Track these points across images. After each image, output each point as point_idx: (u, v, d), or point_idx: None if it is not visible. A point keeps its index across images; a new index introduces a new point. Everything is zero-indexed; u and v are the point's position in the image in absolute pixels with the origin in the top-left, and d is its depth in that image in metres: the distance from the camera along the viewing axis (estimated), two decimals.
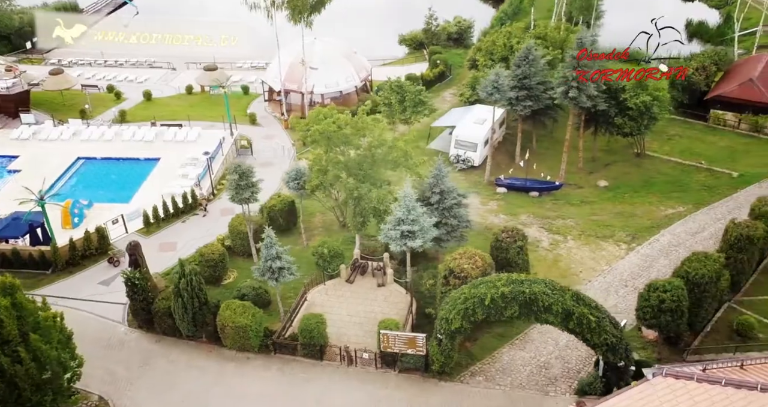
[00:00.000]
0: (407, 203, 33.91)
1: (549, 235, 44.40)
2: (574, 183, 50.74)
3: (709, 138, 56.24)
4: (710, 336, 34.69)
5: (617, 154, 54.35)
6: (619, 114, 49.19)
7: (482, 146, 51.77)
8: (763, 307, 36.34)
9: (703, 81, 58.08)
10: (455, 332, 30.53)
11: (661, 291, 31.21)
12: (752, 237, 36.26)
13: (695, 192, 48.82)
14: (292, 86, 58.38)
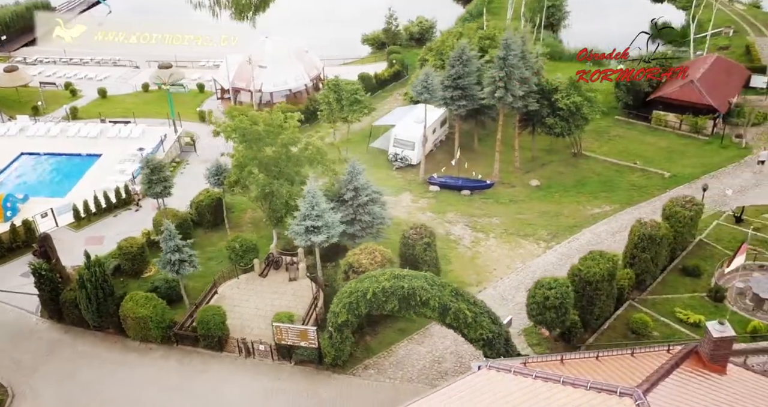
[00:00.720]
0: (311, 199, 34.82)
1: (472, 233, 45.16)
2: (508, 182, 51.43)
3: (649, 139, 56.87)
4: (606, 333, 35.35)
5: (557, 154, 55.03)
6: (551, 114, 49.95)
7: (420, 145, 52.56)
8: (665, 306, 36.92)
9: (646, 82, 58.70)
10: (342, 325, 31.39)
11: (546, 289, 31.90)
12: (654, 237, 37.01)
13: (625, 192, 49.48)
14: (241, 85, 59.33)
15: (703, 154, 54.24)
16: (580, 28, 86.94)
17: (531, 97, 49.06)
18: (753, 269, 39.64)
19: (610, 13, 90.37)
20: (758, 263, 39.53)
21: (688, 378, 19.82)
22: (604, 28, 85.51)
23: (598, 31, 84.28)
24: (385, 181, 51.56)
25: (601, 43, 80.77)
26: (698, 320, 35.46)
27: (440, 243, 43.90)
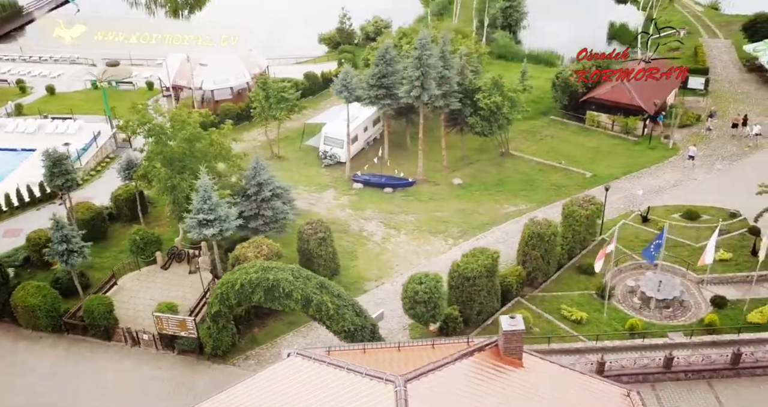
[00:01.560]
0: (203, 193, 35.82)
1: (385, 229, 46.01)
2: (433, 180, 52.20)
3: (579, 139, 57.50)
4: (489, 328, 36.14)
5: (486, 153, 55.74)
6: (474, 114, 50.71)
7: (349, 142, 53.42)
8: (553, 303, 37.67)
9: (581, 84, 59.33)
10: (216, 315, 32.38)
11: (416, 283, 32.78)
12: (543, 235, 37.80)
13: (544, 191, 50.19)
14: (182, 82, 60.36)
15: (630, 154, 54.85)
16: (540, 29, 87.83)
17: (453, 97, 49.87)
18: (648, 268, 40.46)
19: (574, 13, 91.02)
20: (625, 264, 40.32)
21: (474, 368, 20.62)
22: (566, 29, 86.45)
23: (560, 31, 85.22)
24: (313, 178, 52.69)
25: (561, 43, 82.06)
26: (581, 317, 36.28)
27: (352, 239, 45.12)
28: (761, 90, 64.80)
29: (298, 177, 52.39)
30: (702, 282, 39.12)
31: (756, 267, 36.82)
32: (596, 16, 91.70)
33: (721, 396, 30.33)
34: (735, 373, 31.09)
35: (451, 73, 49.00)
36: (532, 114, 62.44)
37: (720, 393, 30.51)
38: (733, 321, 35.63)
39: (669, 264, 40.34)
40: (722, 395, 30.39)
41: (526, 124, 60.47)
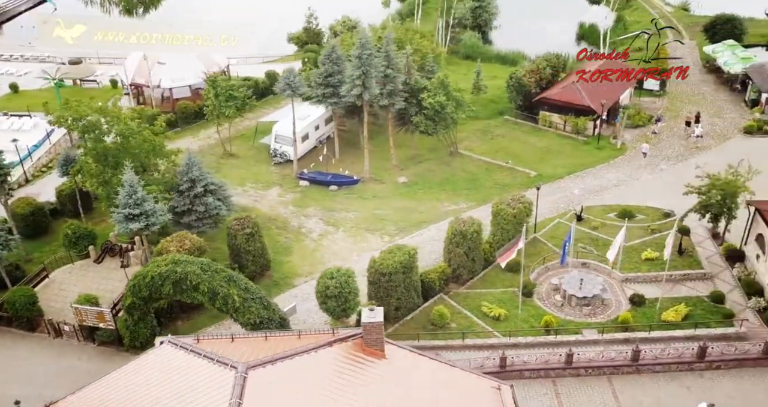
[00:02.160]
0: (129, 188, 36.54)
1: (323, 226, 46.67)
2: (380, 179, 52.81)
3: (530, 139, 58.02)
4: (407, 324, 36.76)
5: (437, 152, 56.31)
6: (419, 113, 51.31)
7: (299, 141, 54.05)
8: (476, 300, 38.17)
9: (534, 84, 59.85)
10: (130, 307, 33.07)
11: (327, 278, 33.46)
12: (465, 233, 38.41)
13: (487, 190, 50.74)
14: (141, 81, 61.13)
15: (578, 154, 55.36)
16: (512, 29, 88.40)
17: (399, 96, 50.48)
18: (576, 266, 41.01)
19: (546, 14, 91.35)
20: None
21: (329, 358, 21.27)
22: (538, 29, 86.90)
23: (531, 31, 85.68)
24: (261, 175, 53.39)
25: (531, 43, 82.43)
26: (499, 314, 36.86)
27: (290, 235, 45.86)
28: (718, 91, 65.19)
29: (248, 174, 53.15)
30: (626, 281, 39.72)
31: (665, 267, 37.25)
32: (570, 16, 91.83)
33: (618, 392, 30.88)
34: (635, 370, 31.63)
35: (395, 73, 49.64)
36: (489, 114, 63.29)
37: (617, 388, 31.06)
38: (649, 319, 36.20)
39: (596, 263, 41.01)
40: (619, 390, 30.94)
41: (481, 123, 61.19)
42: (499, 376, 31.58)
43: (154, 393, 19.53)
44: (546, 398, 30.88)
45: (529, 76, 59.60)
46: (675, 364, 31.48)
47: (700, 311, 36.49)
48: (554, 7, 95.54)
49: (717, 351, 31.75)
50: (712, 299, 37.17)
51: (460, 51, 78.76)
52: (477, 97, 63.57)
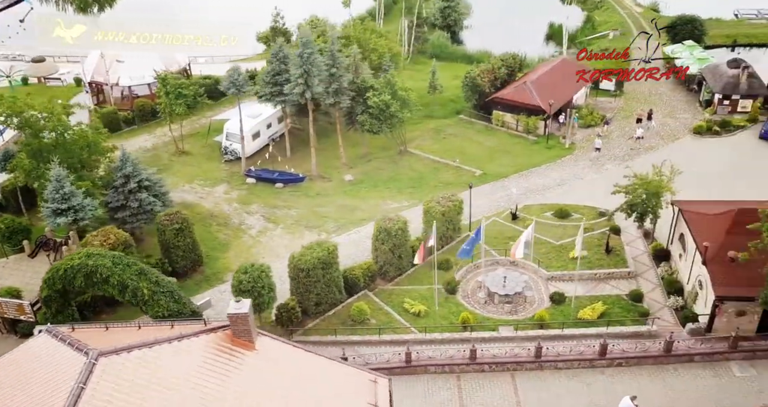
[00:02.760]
0: (56, 183, 37.23)
1: (264, 223, 47.27)
2: (328, 177, 53.41)
3: (481, 138, 58.50)
4: (329, 319, 37.29)
5: (388, 150, 56.85)
6: (364, 112, 51.83)
7: (249, 138, 54.66)
8: (400, 296, 38.62)
9: (488, 83, 60.30)
10: (47, 300, 33.71)
11: (241, 273, 34.03)
12: (389, 230, 38.91)
13: (430, 189, 51.11)
14: (100, 79, 61.82)
15: (527, 153, 55.79)
16: (482, 29, 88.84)
17: (346, 95, 51.04)
18: (504, 264, 41.52)
19: (519, 14, 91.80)
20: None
21: (193, 348, 21.80)
22: (509, 29, 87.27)
23: (502, 31, 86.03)
24: (211, 172, 53.98)
25: (500, 43, 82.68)
26: (419, 310, 37.35)
27: (230, 231, 46.48)
28: (675, 92, 65.55)
29: (198, 172, 53.77)
30: (551, 279, 40.18)
31: (576, 266, 37.76)
32: (543, 16, 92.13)
33: (519, 387, 31.35)
34: (538, 366, 32.09)
35: (341, 72, 50.18)
36: (447, 113, 63.79)
37: (519, 384, 31.53)
38: (567, 316, 36.64)
39: (524, 261, 41.46)
40: (521, 386, 31.41)
41: (435, 122, 61.73)
42: (405, 371, 32.48)
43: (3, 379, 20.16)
44: (448, 393, 31.37)
45: (482, 75, 60.08)
46: (577, 361, 31.92)
47: (618, 309, 36.94)
48: (528, 7, 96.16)
49: (618, 349, 32.18)
50: (630, 297, 37.62)
51: (426, 51, 79.22)
52: (434, 97, 64.27)
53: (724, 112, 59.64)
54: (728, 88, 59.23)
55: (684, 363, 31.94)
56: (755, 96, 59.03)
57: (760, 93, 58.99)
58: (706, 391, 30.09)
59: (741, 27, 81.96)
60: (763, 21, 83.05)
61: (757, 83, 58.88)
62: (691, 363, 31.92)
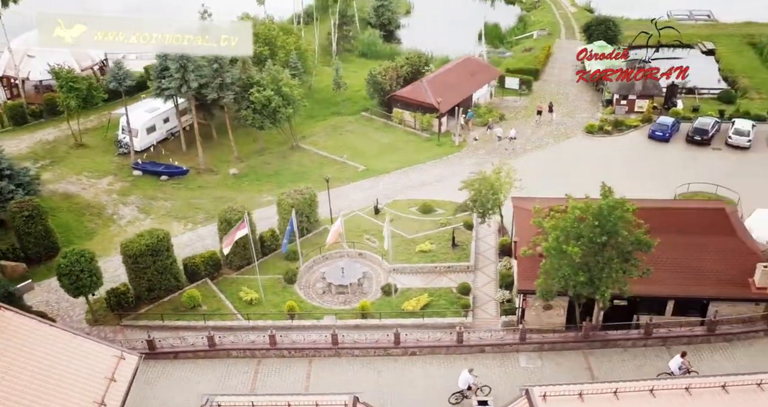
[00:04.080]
0: None
1: (136, 213, 48.43)
2: (215, 170, 54.53)
3: (377, 135, 59.48)
4: (164, 305, 38.28)
5: (283, 146, 57.93)
6: (248, 107, 52.89)
7: (144, 132, 55.87)
8: (240, 285, 39.48)
9: (389, 81, 61.23)
10: None
11: (62, 257, 35.14)
12: (230, 221, 39.95)
13: (311, 183, 51.63)
14: (11, 73, 63.23)
15: (417, 150, 56.68)
16: (419, 28, 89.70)
17: (230, 90, 52.13)
18: (353, 256, 42.46)
19: (458, 13, 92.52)
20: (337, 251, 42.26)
21: None
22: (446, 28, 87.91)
23: (440, 30, 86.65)
24: (102, 165, 55.13)
25: (438, 41, 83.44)
26: (252, 299, 38.37)
27: (100, 221, 47.71)
28: (583, 92, 66.25)
29: (90, 164, 54.96)
30: (393, 271, 41.04)
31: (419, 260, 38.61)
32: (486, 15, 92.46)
33: (312, 372, 32.28)
34: (335, 353, 33.01)
35: (225, 68, 51.28)
36: (355, 110, 64.76)
37: (314, 369, 32.46)
38: (393, 307, 37.53)
39: (370, 253, 42.42)
40: (314, 371, 32.33)
41: (338, 119, 62.78)
42: (208, 355, 33.51)
43: None
44: (245, 376, 32.34)
45: (383, 74, 61.02)
46: (373, 349, 32.82)
47: (443, 301, 37.75)
48: (470, 5, 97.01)
49: (413, 339, 33.06)
50: (458, 290, 38.44)
51: (354, 49, 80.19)
52: (348, 94, 65.42)
53: (622, 112, 60.34)
54: (624, 89, 59.89)
55: (476, 353, 32.73)
56: (650, 96, 59.68)
57: (654, 93, 59.64)
58: (490, 379, 30.84)
59: None
60: (692, 22, 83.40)
61: (652, 84, 59.46)
62: (482, 354, 32.71)
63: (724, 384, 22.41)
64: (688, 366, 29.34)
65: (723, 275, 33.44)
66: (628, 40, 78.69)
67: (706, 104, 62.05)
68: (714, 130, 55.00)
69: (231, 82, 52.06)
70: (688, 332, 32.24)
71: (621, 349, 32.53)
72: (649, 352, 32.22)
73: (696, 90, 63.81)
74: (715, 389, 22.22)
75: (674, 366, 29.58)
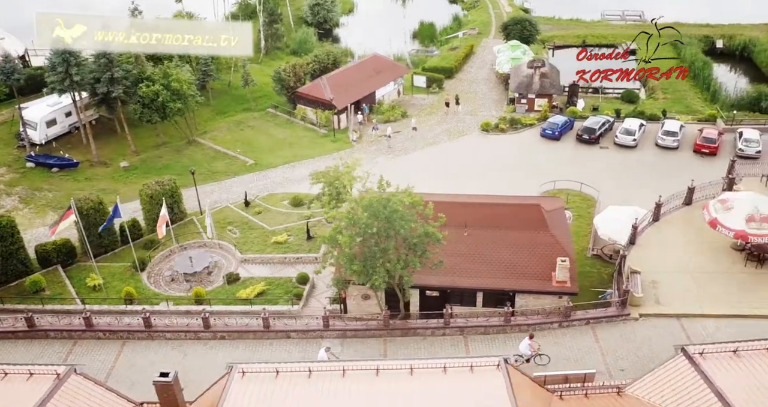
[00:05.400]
0: None
1: (16, 203, 49.85)
2: (109, 163, 55.73)
3: (276, 130, 60.51)
4: (10, 289, 39.34)
5: (183, 140, 59.01)
6: (138, 102, 54.04)
7: (43, 125, 57.11)
8: (87, 272, 40.36)
9: (293, 78, 62.20)
10: None
11: None
12: (81, 210, 41.02)
13: (197, 176, 53.18)
14: None
15: (311, 146, 57.60)
16: (357, 26, 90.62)
17: (120, 84, 53.27)
18: (212, 246, 43.48)
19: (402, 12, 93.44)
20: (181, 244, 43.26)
21: None
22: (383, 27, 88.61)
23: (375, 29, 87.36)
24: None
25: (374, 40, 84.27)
26: (95, 284, 39.49)
27: None
28: (493, 90, 66.94)
29: None
30: (244, 261, 42.02)
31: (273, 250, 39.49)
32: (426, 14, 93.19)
33: (122, 353, 33.22)
34: (148, 336, 33.95)
35: (115, 63, 52.48)
36: (264, 106, 65.73)
37: (125, 351, 33.35)
38: (229, 294, 38.50)
39: (227, 243, 43.43)
40: (124, 353, 33.22)
41: (245, 115, 63.91)
42: (27, 335, 34.56)
43: None
44: (59, 355, 33.42)
45: (287, 71, 62.00)
46: (183, 332, 33.76)
47: (279, 290, 38.69)
48: (413, 5, 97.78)
49: (222, 323, 34.00)
50: (297, 280, 39.32)
51: (284, 47, 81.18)
52: (263, 91, 66.52)
53: (522, 110, 61.02)
54: (522, 87, 60.58)
55: (282, 339, 33.60)
56: (549, 95, 60.32)
57: (551, 92, 60.26)
58: None
59: (597, 27, 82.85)
60: (622, 22, 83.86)
61: (548, 83, 60.09)
62: (287, 339, 33.58)
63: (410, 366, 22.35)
64: (537, 349, 30.04)
65: (530, 269, 34.20)
66: (556, 40, 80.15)
67: (609, 104, 62.64)
68: (603, 129, 55.53)
69: (123, 77, 53.26)
70: (485, 322, 32.92)
71: (420, 337, 33.28)
72: (447, 341, 32.95)
73: (600, 90, 64.32)
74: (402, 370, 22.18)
75: (524, 348, 30.23)
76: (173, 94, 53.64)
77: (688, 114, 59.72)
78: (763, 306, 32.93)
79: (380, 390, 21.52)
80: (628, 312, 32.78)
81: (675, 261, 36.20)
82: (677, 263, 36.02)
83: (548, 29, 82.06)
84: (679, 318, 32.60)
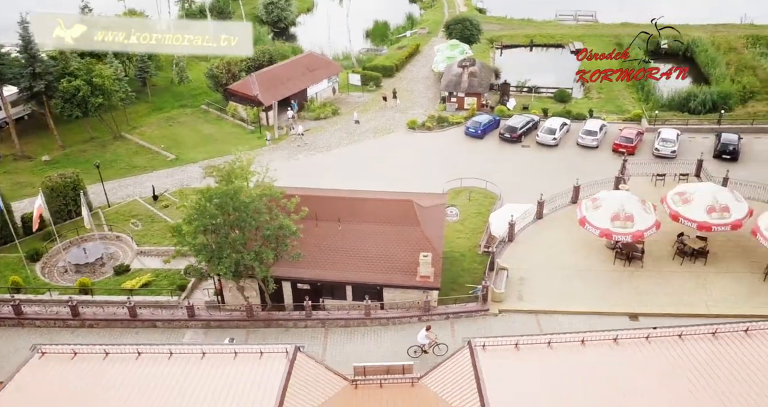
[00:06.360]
0: None
1: None
2: (34, 157, 56.23)
3: (205, 127, 60.90)
4: None
5: (110, 136, 59.45)
6: (59, 97, 54.44)
7: None
8: None
9: (225, 75, 62.58)
10: None
11: None
12: None
13: (116, 171, 53.66)
14: None
15: (236, 142, 56.98)
16: (312, 25, 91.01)
17: (43, 79, 53.73)
18: (111, 238, 43.90)
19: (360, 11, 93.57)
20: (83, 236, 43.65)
21: None
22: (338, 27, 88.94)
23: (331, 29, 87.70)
24: None
25: (329, 39, 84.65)
26: None
27: None
28: (430, 89, 67.11)
29: None
30: (140, 253, 42.39)
31: None
32: (382, 14, 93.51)
33: None
34: (18, 323, 34.37)
35: (39, 58, 53.04)
36: (198, 103, 66.06)
37: None
38: (116, 285, 38.86)
39: (125, 236, 43.81)
40: None
41: (177, 111, 64.28)
42: None
43: None
44: None
45: (220, 68, 62.39)
46: (53, 320, 34.18)
47: (164, 282, 39.03)
48: (372, 4, 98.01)
49: (90, 312, 34.38)
50: (184, 272, 39.65)
51: None
52: (185, 87, 67.02)
53: (452, 109, 61.20)
54: (451, 86, 60.76)
55: (148, 327, 33.94)
56: (477, 94, 60.49)
57: (479, 91, 60.41)
58: None
59: (547, 27, 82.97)
60: (574, 22, 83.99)
61: (477, 82, 60.26)
62: (153, 329, 33.92)
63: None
64: (434, 339, 30.30)
65: (397, 264, 34.34)
66: (504, 40, 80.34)
67: (540, 103, 62.70)
68: (526, 128, 55.65)
69: (46, 72, 53.73)
70: (345, 315, 33.16)
71: (283, 329, 33.55)
72: (308, 333, 33.22)
73: (534, 89, 64.45)
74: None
75: (421, 338, 30.49)
76: (95, 90, 54.02)
77: (617, 114, 59.82)
78: (623, 302, 33.19)
79: (171, 374, 21.81)
80: (487, 307, 33.01)
81: (549, 258, 36.51)
82: (550, 261, 36.32)
83: (498, 29, 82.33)
84: (536, 314, 32.88)
